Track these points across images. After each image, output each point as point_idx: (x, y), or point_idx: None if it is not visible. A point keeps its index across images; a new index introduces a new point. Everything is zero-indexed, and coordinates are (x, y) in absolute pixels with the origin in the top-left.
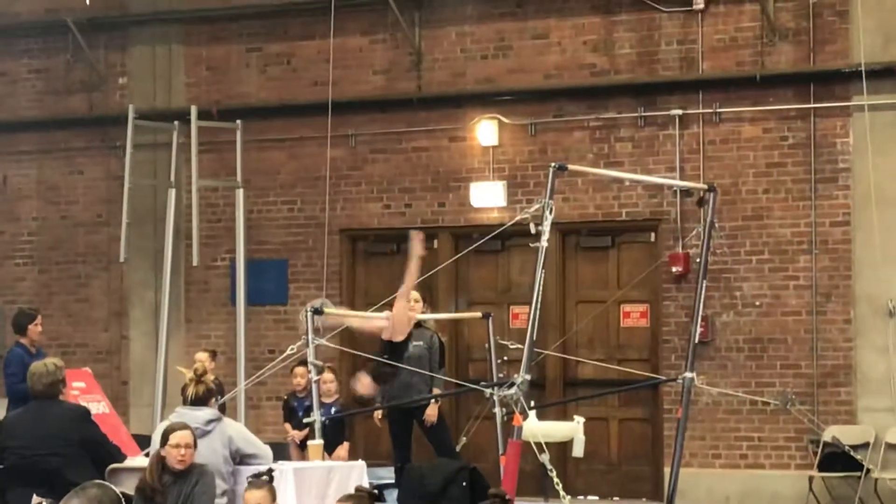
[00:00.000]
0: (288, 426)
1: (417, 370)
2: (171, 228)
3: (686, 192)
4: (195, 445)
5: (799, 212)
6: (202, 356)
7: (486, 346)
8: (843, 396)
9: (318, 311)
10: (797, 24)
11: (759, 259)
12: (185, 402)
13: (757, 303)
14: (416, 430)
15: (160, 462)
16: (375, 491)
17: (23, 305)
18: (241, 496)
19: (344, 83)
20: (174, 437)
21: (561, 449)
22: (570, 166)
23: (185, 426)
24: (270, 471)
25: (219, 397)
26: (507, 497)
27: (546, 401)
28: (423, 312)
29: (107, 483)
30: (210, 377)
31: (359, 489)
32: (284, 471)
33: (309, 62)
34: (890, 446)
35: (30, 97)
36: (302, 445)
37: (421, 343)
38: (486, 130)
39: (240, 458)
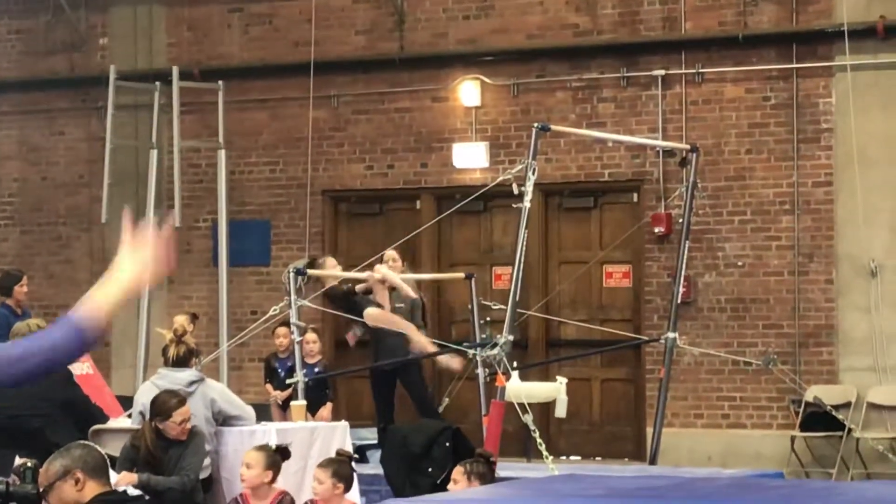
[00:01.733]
0: (269, 387)
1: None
2: (152, 190)
3: (669, 153)
4: None
5: (781, 172)
6: (181, 319)
7: (469, 307)
8: (824, 356)
9: (300, 272)
10: None
11: (742, 219)
12: (166, 364)
13: (739, 263)
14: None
15: (155, 430)
16: (356, 455)
17: (7, 267)
18: (225, 457)
19: (326, 43)
20: (178, 415)
21: (543, 409)
22: (553, 127)
23: (181, 400)
24: (284, 448)
25: (199, 359)
26: (492, 458)
27: (529, 361)
28: (402, 271)
29: (91, 443)
30: (190, 339)
31: (339, 452)
32: (267, 431)
33: (291, 22)
34: (871, 406)
35: (10, 58)
36: (284, 406)
37: (402, 304)
38: (468, 91)
39: (223, 419)
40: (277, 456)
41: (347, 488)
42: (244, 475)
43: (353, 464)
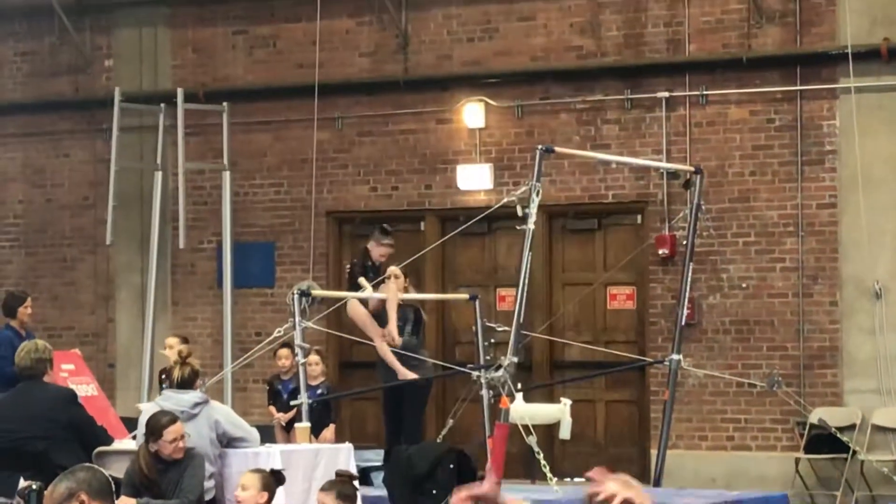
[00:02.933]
0: (272, 409)
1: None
2: (157, 211)
3: (673, 175)
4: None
5: (785, 194)
6: (172, 341)
7: (473, 328)
8: (829, 378)
9: (305, 294)
10: (784, 5)
11: (746, 241)
12: (170, 385)
13: (743, 285)
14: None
15: (151, 453)
16: (356, 475)
17: (11, 288)
18: (229, 479)
19: (330, 65)
20: (168, 433)
21: (548, 431)
22: (557, 149)
23: (172, 419)
24: (279, 472)
25: (204, 381)
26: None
27: (533, 383)
28: (405, 288)
29: (96, 466)
30: (195, 360)
31: (339, 473)
32: (272, 453)
33: (295, 44)
34: (876, 428)
35: (16, 80)
36: (288, 428)
37: (402, 324)
38: (472, 113)
39: (227, 441)
40: (273, 479)
41: None
42: (239, 497)
43: (356, 483)
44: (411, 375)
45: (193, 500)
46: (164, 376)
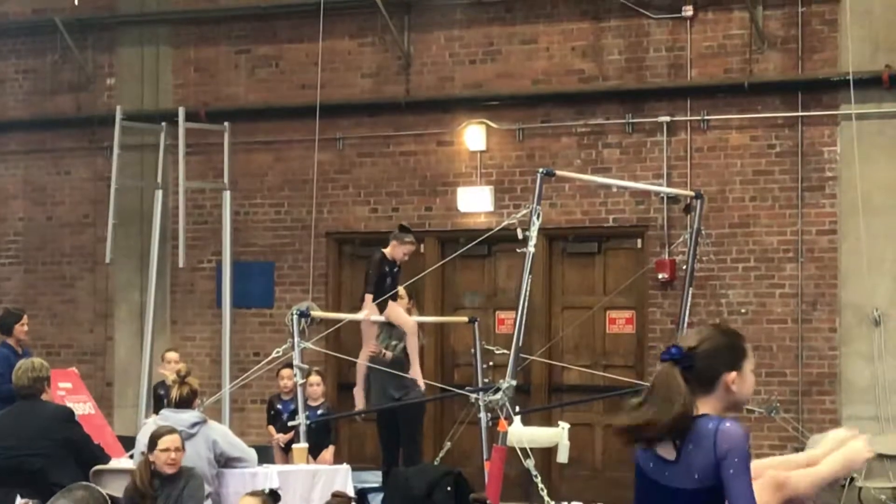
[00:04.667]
0: (271, 429)
1: (399, 373)
2: (157, 230)
3: (673, 199)
4: (183, 448)
5: (785, 220)
6: (172, 356)
7: (472, 350)
8: (827, 405)
9: (304, 314)
10: (786, 31)
11: (746, 267)
12: (168, 405)
13: (743, 310)
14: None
15: (149, 466)
16: (354, 497)
17: (8, 305)
18: (226, 499)
19: (332, 86)
20: (163, 442)
21: (546, 454)
22: (558, 172)
23: (172, 430)
24: (275, 492)
25: (202, 400)
26: (488, 502)
27: (531, 406)
28: (409, 310)
29: (92, 485)
30: (193, 380)
31: (336, 494)
32: (269, 474)
33: (297, 65)
34: (875, 455)
35: (17, 97)
36: (286, 448)
37: (398, 343)
38: (473, 135)
39: (224, 461)
40: (270, 500)
41: None
42: None
43: None
44: (360, 400)
45: None
46: (162, 392)
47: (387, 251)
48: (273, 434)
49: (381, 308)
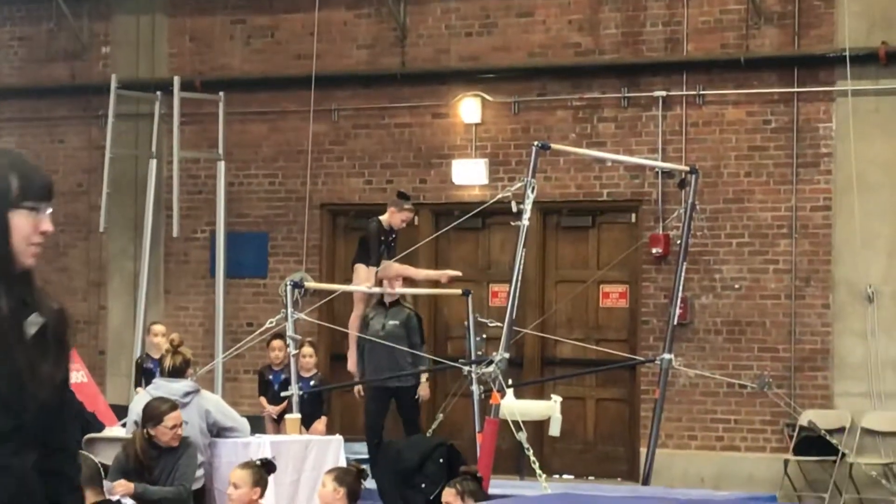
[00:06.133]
0: (263, 400)
1: (395, 345)
2: (151, 199)
3: (668, 174)
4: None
5: (780, 196)
6: (160, 328)
7: (465, 323)
8: (819, 381)
9: (297, 285)
10: (782, 7)
11: (739, 242)
12: (161, 374)
13: (736, 286)
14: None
15: (148, 439)
16: (364, 469)
17: None
18: (218, 469)
19: (328, 57)
20: (169, 419)
21: (538, 427)
22: (553, 145)
23: (173, 405)
24: (269, 461)
25: (195, 370)
26: (479, 474)
27: (524, 379)
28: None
29: (85, 452)
30: (187, 350)
31: (350, 464)
32: (262, 444)
33: (293, 35)
34: (865, 431)
35: (12, 65)
36: (279, 419)
37: (396, 321)
38: (469, 108)
39: (217, 431)
40: (263, 471)
41: (351, 498)
42: (232, 495)
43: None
44: (353, 364)
45: (188, 489)
46: (148, 365)
47: (383, 218)
48: (265, 406)
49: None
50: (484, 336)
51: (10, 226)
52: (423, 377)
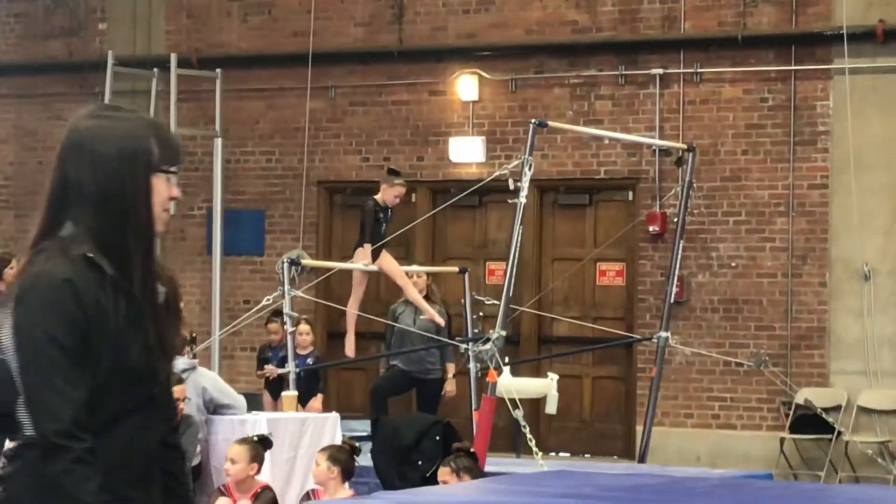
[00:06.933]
0: (260, 372)
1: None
2: None
3: (665, 152)
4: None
5: (777, 174)
6: None
7: (462, 301)
8: (816, 359)
9: (294, 263)
10: None
11: (736, 220)
12: None
13: (733, 264)
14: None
15: None
16: (357, 445)
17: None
18: (215, 446)
19: (325, 34)
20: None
21: (534, 405)
22: (550, 123)
23: (178, 379)
24: (266, 438)
25: (192, 347)
26: (472, 451)
27: (520, 357)
28: (428, 285)
29: None
30: (185, 329)
31: (344, 442)
32: (258, 421)
33: (290, 12)
34: (862, 409)
35: (8, 41)
36: (275, 396)
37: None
38: (466, 85)
39: (214, 408)
40: (260, 447)
41: (345, 476)
42: (229, 470)
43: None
44: (438, 318)
45: (189, 465)
46: None
47: (378, 197)
48: (265, 372)
49: (374, 257)
50: (481, 314)
51: (152, 190)
52: (451, 373)
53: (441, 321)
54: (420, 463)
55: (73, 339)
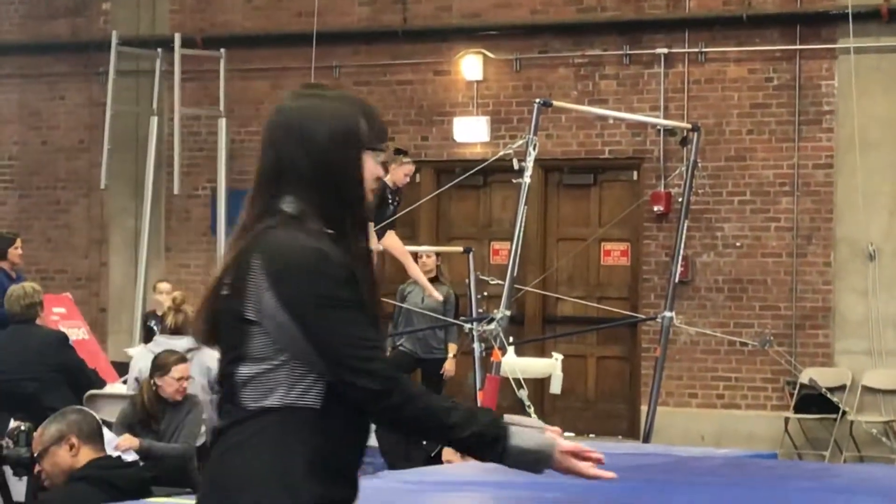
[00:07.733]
0: None
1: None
2: (152, 156)
3: (669, 132)
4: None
5: (782, 153)
6: (164, 286)
7: (467, 281)
8: (820, 339)
9: None
10: None
11: (741, 200)
12: (163, 331)
13: (737, 244)
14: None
15: (154, 391)
16: None
17: (2, 230)
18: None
19: (329, 14)
20: (176, 371)
21: (538, 385)
22: (555, 103)
23: (182, 357)
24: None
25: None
26: None
27: (525, 337)
28: (437, 265)
29: (86, 409)
30: (189, 308)
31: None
32: None
33: None
34: (866, 389)
35: (12, 21)
36: None
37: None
38: (470, 65)
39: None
40: None
41: None
42: None
43: None
44: (436, 293)
45: (193, 447)
46: (153, 323)
47: (388, 178)
48: None
49: (380, 237)
50: (485, 294)
51: (364, 167)
52: (451, 353)
53: (438, 296)
54: (425, 443)
55: (355, 294)
